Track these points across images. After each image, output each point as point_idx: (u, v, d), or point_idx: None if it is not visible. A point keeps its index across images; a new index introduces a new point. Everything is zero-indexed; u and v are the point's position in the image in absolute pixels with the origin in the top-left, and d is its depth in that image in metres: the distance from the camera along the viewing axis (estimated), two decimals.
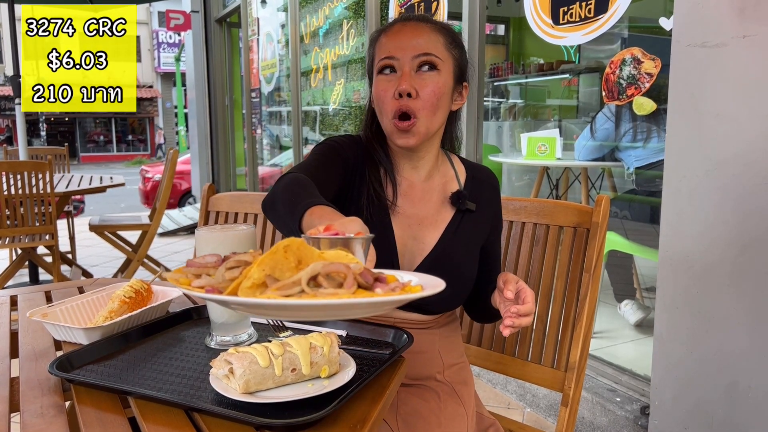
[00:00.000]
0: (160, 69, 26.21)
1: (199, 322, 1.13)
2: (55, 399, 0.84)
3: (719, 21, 1.57)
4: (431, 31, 1.07)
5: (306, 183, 0.95)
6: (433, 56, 1.04)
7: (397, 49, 1.05)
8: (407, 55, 1.04)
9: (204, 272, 0.66)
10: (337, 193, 1.09)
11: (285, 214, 0.87)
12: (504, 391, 2.57)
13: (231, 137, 6.88)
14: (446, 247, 1.11)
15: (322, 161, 1.09)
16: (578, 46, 4.39)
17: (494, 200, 1.19)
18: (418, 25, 1.07)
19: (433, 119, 1.06)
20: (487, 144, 4.40)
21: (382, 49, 1.07)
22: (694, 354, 1.69)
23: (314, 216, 0.81)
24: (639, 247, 2.73)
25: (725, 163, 1.58)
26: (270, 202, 0.96)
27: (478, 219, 1.15)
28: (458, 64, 1.10)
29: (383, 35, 1.09)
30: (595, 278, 1.25)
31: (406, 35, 1.06)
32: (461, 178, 1.17)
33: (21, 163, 3.58)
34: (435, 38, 1.06)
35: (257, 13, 5.80)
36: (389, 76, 1.06)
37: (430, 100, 1.04)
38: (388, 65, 1.06)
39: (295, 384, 0.84)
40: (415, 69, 1.04)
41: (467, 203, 1.13)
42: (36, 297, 1.37)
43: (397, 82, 1.04)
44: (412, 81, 1.03)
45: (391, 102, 1.05)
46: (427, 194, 1.15)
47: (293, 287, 0.58)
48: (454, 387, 1.16)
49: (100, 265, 5.14)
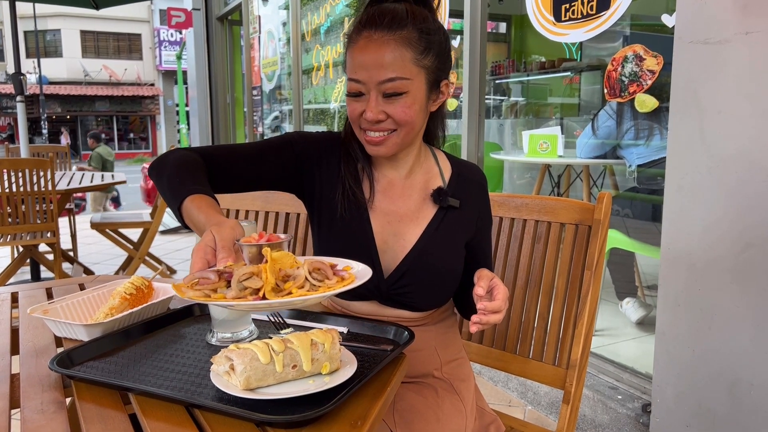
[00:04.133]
0: (161, 67, 26.22)
1: (200, 319, 1.13)
2: (56, 395, 0.84)
3: (722, 17, 1.56)
4: (397, 46, 0.99)
5: (197, 166, 1.00)
6: (400, 80, 0.99)
7: (362, 70, 1.00)
8: (373, 80, 1.00)
9: (216, 287, 0.78)
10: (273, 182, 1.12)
11: (168, 189, 0.96)
12: (505, 388, 2.57)
13: (232, 135, 6.87)
14: (427, 244, 1.10)
15: (265, 148, 1.11)
16: (580, 43, 4.38)
17: (481, 198, 1.17)
18: (383, 40, 0.99)
19: (410, 133, 1.05)
20: (489, 142, 4.39)
21: (350, 67, 1.03)
22: (696, 352, 1.69)
23: (194, 204, 0.91)
24: (641, 244, 2.73)
25: (728, 161, 1.57)
26: (157, 168, 1.02)
27: (462, 216, 1.13)
28: (432, 72, 1.04)
29: (352, 45, 1.03)
30: (596, 275, 1.24)
31: (370, 54, 0.99)
32: (446, 175, 1.16)
33: (23, 161, 3.58)
34: (401, 55, 0.99)
35: (258, 10, 5.80)
36: (358, 98, 1.03)
37: (402, 119, 1.02)
38: (356, 90, 1.03)
39: (296, 380, 0.84)
40: (381, 95, 1.01)
41: (449, 200, 1.11)
42: (37, 294, 1.37)
43: (365, 105, 1.02)
44: (379, 107, 1.01)
45: (361, 121, 1.04)
46: (407, 191, 1.14)
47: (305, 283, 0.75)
48: (452, 383, 1.16)
49: (101, 262, 5.15)
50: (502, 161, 4.38)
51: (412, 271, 1.09)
